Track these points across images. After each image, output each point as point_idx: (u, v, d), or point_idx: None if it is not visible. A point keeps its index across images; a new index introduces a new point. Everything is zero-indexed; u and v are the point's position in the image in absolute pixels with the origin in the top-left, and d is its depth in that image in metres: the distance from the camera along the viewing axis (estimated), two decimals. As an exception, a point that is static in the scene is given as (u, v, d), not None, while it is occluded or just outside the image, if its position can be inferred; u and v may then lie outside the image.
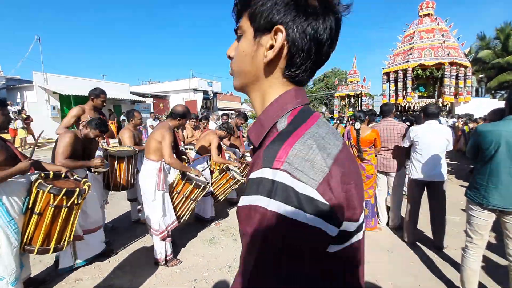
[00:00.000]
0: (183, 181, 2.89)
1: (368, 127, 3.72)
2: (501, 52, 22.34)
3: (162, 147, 2.67)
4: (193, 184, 2.87)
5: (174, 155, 2.89)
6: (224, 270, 2.74)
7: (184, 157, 3.41)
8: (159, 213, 2.72)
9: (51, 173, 2.17)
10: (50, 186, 1.92)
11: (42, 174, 2.06)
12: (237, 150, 4.88)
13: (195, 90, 23.76)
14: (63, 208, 1.99)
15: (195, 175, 3.00)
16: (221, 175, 3.76)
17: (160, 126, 2.80)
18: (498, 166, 1.98)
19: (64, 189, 1.95)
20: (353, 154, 3.64)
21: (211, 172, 3.92)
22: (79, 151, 2.64)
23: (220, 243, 3.33)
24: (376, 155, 3.71)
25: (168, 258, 2.82)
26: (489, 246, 2.32)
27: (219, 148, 3.87)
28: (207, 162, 4.08)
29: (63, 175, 2.24)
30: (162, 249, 2.77)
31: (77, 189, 2.04)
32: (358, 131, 3.53)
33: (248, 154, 4.83)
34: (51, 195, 1.92)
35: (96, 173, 2.95)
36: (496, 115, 2.72)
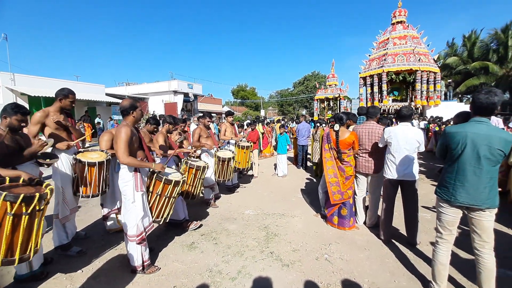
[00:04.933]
0: (153, 179, 2.81)
1: (347, 129, 3.81)
2: (467, 58, 23.88)
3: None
4: (162, 180, 2.79)
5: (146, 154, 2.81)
6: (204, 276, 2.69)
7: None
8: (140, 214, 2.64)
9: (7, 179, 2.00)
10: (5, 193, 1.77)
11: None
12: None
13: (175, 92, 23.34)
14: (23, 216, 1.83)
15: (159, 171, 2.85)
16: (186, 171, 3.78)
17: (116, 128, 2.72)
18: (465, 165, 2.10)
19: (22, 195, 1.80)
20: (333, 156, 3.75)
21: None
22: (13, 149, 2.39)
23: (201, 247, 3.27)
24: (355, 157, 3.81)
25: (145, 264, 2.73)
26: (458, 243, 2.45)
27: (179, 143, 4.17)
28: (177, 164, 4.12)
29: (21, 180, 2.07)
30: (138, 255, 2.67)
31: (37, 194, 1.88)
32: (337, 132, 3.62)
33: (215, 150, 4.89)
34: (8, 202, 1.77)
35: (47, 159, 2.70)
36: (459, 118, 2.94)
